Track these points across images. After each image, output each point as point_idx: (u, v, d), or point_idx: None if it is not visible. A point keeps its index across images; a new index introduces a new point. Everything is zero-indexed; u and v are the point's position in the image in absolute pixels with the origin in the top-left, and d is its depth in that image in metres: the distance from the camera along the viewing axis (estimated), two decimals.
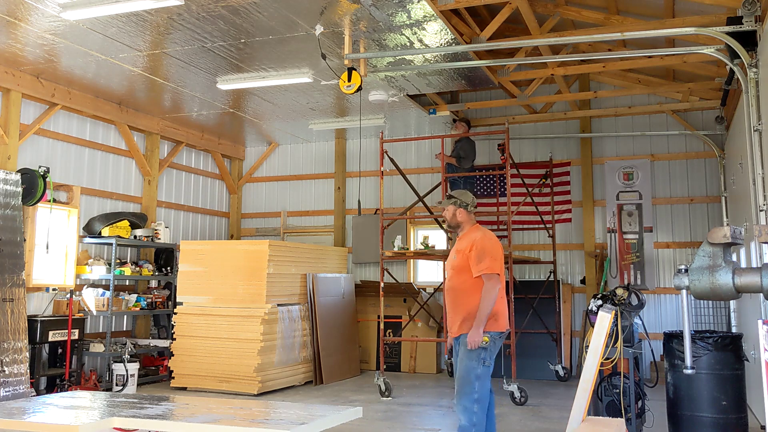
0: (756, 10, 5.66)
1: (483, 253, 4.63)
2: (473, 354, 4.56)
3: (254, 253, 8.69)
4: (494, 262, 4.64)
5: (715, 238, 3.61)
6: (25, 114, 8.36)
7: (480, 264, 4.61)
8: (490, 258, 4.63)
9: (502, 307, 4.71)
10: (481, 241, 4.70)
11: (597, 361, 4.43)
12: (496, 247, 4.75)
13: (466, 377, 4.55)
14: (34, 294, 8.32)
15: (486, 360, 4.58)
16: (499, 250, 4.75)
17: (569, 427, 4.31)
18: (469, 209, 4.89)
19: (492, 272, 4.59)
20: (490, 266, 4.61)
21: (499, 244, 4.82)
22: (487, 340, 4.53)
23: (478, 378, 4.55)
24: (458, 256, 4.78)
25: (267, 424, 4.00)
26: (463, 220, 4.88)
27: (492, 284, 4.57)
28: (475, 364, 4.57)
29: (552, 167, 10.51)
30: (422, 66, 7.84)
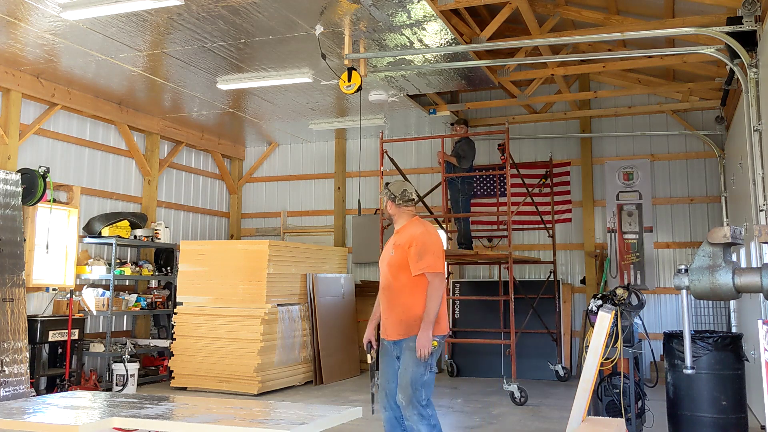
0: (756, 10, 5.66)
1: (424, 249, 4.27)
2: (421, 360, 4.21)
3: (254, 253, 8.68)
4: (437, 259, 4.29)
5: (715, 238, 3.61)
6: (25, 114, 8.36)
7: (420, 261, 4.23)
8: (432, 255, 4.27)
9: (443, 310, 4.38)
10: (422, 237, 4.32)
11: (597, 361, 4.43)
12: (438, 244, 4.39)
13: (414, 386, 4.20)
14: (34, 294, 8.32)
15: (433, 366, 4.27)
16: (441, 247, 4.40)
17: (569, 427, 4.31)
18: (398, 202, 4.50)
19: (436, 270, 4.25)
20: (433, 264, 4.25)
21: (440, 240, 4.45)
22: (435, 345, 4.21)
23: (425, 385, 4.22)
24: (396, 251, 4.39)
25: (267, 424, 4.00)
26: (394, 213, 4.52)
27: (438, 282, 4.23)
28: (423, 371, 4.22)
29: (552, 167, 10.51)
30: (422, 66, 7.84)
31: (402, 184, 4.53)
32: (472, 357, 10.09)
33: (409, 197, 4.50)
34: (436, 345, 4.21)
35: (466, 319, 10.49)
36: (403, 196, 4.48)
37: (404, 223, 4.49)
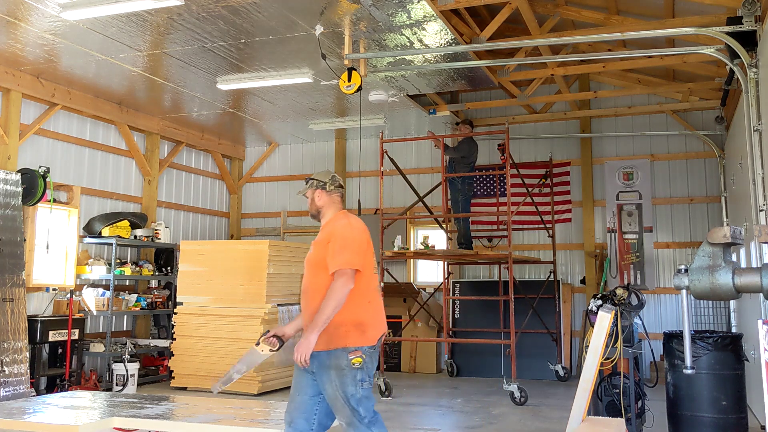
0: (756, 10, 5.66)
1: (344, 244, 3.70)
2: (348, 379, 3.61)
3: (254, 253, 8.68)
4: (356, 256, 3.69)
5: (715, 238, 3.61)
6: (25, 114, 8.36)
7: (337, 258, 3.66)
8: (350, 251, 3.69)
9: (371, 315, 3.78)
10: (342, 230, 3.77)
11: (597, 361, 4.43)
12: (362, 239, 3.80)
13: (347, 406, 3.60)
14: (34, 294, 8.32)
15: (364, 381, 3.67)
16: (365, 243, 3.82)
17: (569, 427, 4.31)
18: (328, 188, 3.95)
19: (348, 267, 3.64)
20: (350, 260, 3.66)
21: (366, 234, 3.87)
22: (359, 362, 3.61)
23: (360, 402, 3.63)
24: (315, 248, 3.85)
25: (267, 424, 4.00)
26: (324, 203, 3.95)
27: (343, 282, 3.60)
28: (352, 390, 3.62)
29: (552, 167, 10.51)
30: (422, 66, 7.84)
31: (327, 171, 4.05)
32: (472, 357, 10.09)
33: (339, 182, 4.00)
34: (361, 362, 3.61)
35: (466, 319, 10.49)
36: (333, 181, 3.98)
37: (330, 216, 3.95)
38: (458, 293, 10.64)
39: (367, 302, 3.76)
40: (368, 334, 3.70)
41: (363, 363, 3.61)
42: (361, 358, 3.61)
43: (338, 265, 3.62)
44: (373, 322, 3.78)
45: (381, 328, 3.86)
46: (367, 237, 3.86)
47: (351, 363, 3.59)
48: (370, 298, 3.78)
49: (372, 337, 3.73)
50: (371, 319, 3.76)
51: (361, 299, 3.71)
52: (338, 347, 3.61)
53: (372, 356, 3.71)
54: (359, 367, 3.60)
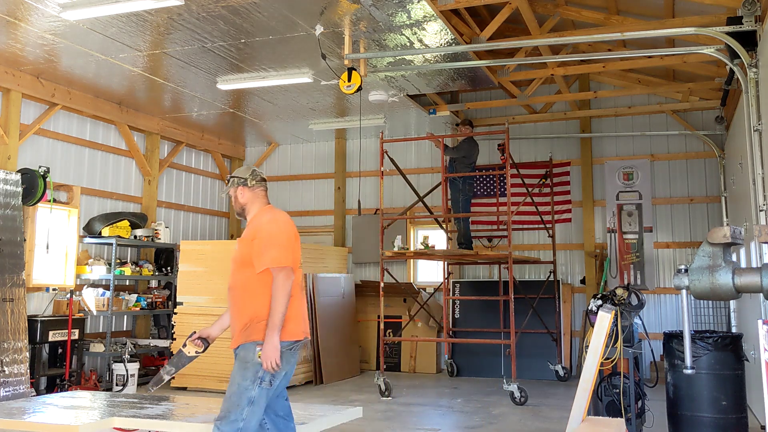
0: (756, 10, 5.66)
1: (269, 241, 3.62)
2: (249, 372, 3.50)
3: None
4: (283, 252, 3.62)
5: (715, 238, 3.61)
6: (25, 114, 8.35)
7: (264, 256, 3.58)
8: (277, 247, 3.61)
9: (291, 311, 3.65)
10: (267, 227, 3.69)
11: (597, 361, 4.43)
12: (288, 234, 3.74)
13: (236, 400, 3.49)
14: (34, 294, 8.32)
15: (265, 379, 3.52)
16: (291, 238, 3.74)
17: (569, 427, 4.31)
18: (250, 183, 3.86)
19: (281, 264, 3.58)
20: (278, 257, 3.58)
21: (292, 229, 3.81)
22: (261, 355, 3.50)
23: (251, 403, 3.48)
24: (240, 246, 3.78)
25: None
26: (247, 200, 3.87)
27: (284, 278, 3.56)
28: (249, 385, 3.49)
29: (552, 167, 10.51)
30: (422, 66, 7.84)
31: (248, 167, 3.93)
32: (472, 357, 10.09)
33: (260, 177, 3.91)
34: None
35: (466, 319, 10.49)
36: (254, 176, 3.87)
37: (255, 212, 3.86)
38: (458, 293, 10.64)
39: (292, 297, 3.65)
40: (287, 329, 3.59)
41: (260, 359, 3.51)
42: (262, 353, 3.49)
43: (268, 263, 3.56)
44: (294, 319, 3.66)
45: (302, 325, 3.73)
46: (294, 231, 3.80)
47: (256, 356, 3.50)
48: (292, 294, 3.67)
49: (291, 332, 3.62)
50: (291, 314, 3.64)
51: None
52: (253, 340, 3.55)
53: (285, 356, 3.57)
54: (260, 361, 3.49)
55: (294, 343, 3.64)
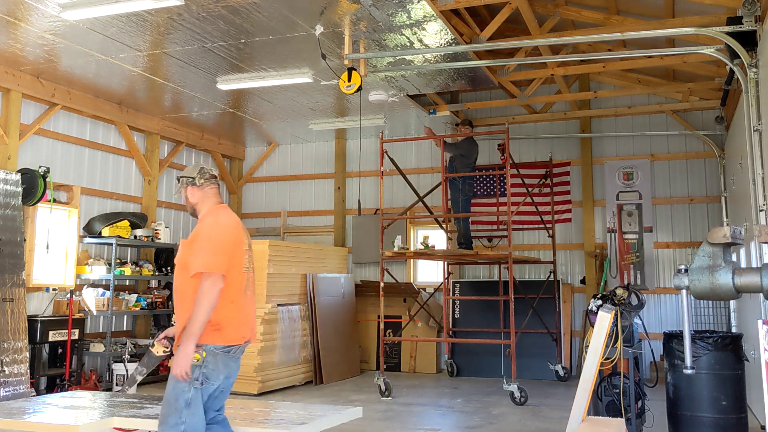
0: (756, 10, 5.66)
1: (204, 245, 3.51)
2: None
3: (254, 253, 8.59)
4: (215, 257, 3.48)
5: (715, 238, 3.61)
6: (25, 114, 8.36)
7: (196, 260, 3.47)
8: (211, 253, 3.48)
9: (231, 315, 3.56)
10: (206, 230, 3.57)
11: (597, 361, 4.43)
12: (226, 239, 3.57)
13: (172, 403, 3.44)
14: (34, 294, 8.32)
15: (200, 379, 3.46)
16: (229, 243, 3.58)
17: (569, 427, 4.31)
18: (198, 182, 3.74)
19: (209, 270, 3.44)
20: (208, 263, 3.45)
21: (233, 234, 3.64)
22: (197, 358, 3.42)
23: (188, 405, 3.42)
24: (182, 247, 3.67)
25: (267, 424, 4.00)
26: (197, 199, 3.75)
27: (210, 285, 3.42)
28: (185, 387, 3.43)
29: (552, 167, 10.51)
30: (422, 66, 7.84)
31: (196, 166, 3.82)
32: (472, 357, 10.09)
33: (210, 173, 3.79)
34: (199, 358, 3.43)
35: (466, 319, 10.49)
36: (202, 174, 3.75)
37: (204, 212, 3.73)
38: (458, 293, 10.64)
39: (228, 302, 3.55)
40: (225, 333, 3.52)
41: (201, 360, 3.43)
42: (198, 354, 3.42)
43: (200, 268, 3.45)
44: (233, 323, 3.56)
45: (242, 329, 3.62)
46: (235, 235, 3.64)
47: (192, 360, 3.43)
48: (233, 298, 3.57)
49: (229, 338, 3.53)
50: (231, 319, 3.56)
51: (222, 299, 3.50)
52: None
53: (221, 359, 3.51)
54: (196, 363, 3.42)
55: (230, 347, 3.54)
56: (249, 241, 3.84)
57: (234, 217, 3.74)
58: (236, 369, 3.68)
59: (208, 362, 3.47)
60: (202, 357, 3.45)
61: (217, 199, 3.80)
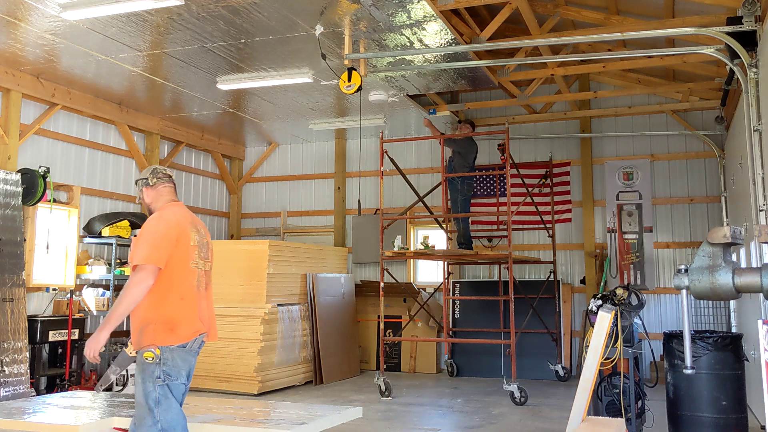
0: (756, 10, 5.66)
1: (144, 238, 3.53)
2: (147, 374, 3.49)
3: (254, 253, 8.68)
4: (152, 251, 3.47)
5: (715, 238, 3.61)
6: (25, 114, 8.35)
7: (136, 253, 3.49)
8: (149, 245, 3.48)
9: (183, 312, 3.56)
10: (148, 224, 3.61)
11: (597, 361, 4.43)
12: (168, 232, 3.57)
13: (143, 404, 3.49)
14: (34, 294, 8.32)
15: (162, 377, 3.49)
16: (171, 236, 3.56)
17: (569, 427, 4.31)
18: (151, 182, 3.79)
19: (144, 263, 3.44)
20: (145, 255, 3.45)
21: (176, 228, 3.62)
22: (151, 356, 3.46)
23: (157, 403, 3.47)
24: (132, 245, 3.70)
25: (267, 424, 4.00)
26: (152, 199, 3.80)
27: (140, 278, 3.41)
28: (150, 387, 3.48)
29: (552, 167, 10.51)
30: (422, 66, 7.84)
31: (150, 167, 3.89)
32: (472, 357, 10.09)
33: (163, 173, 3.83)
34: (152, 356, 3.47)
35: (466, 319, 10.49)
36: (154, 174, 3.80)
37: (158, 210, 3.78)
38: (458, 293, 10.64)
39: (178, 299, 3.54)
40: (178, 332, 3.52)
41: (157, 357, 3.46)
42: (151, 352, 3.45)
43: (136, 260, 3.47)
44: (186, 320, 3.56)
45: (196, 325, 3.61)
46: (179, 230, 3.61)
47: (143, 358, 3.47)
48: (183, 294, 3.56)
49: (183, 336, 3.53)
50: (183, 316, 3.55)
51: (171, 296, 3.52)
52: (146, 346, 3.51)
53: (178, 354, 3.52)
54: (153, 361, 3.46)
55: (184, 345, 3.54)
56: (202, 238, 3.80)
57: (181, 213, 3.73)
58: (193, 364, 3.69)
59: (166, 359, 3.49)
60: (156, 355, 3.47)
61: (170, 197, 3.82)
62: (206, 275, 3.76)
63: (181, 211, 3.74)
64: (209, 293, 3.79)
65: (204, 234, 3.83)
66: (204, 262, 3.74)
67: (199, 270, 3.68)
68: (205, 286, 3.74)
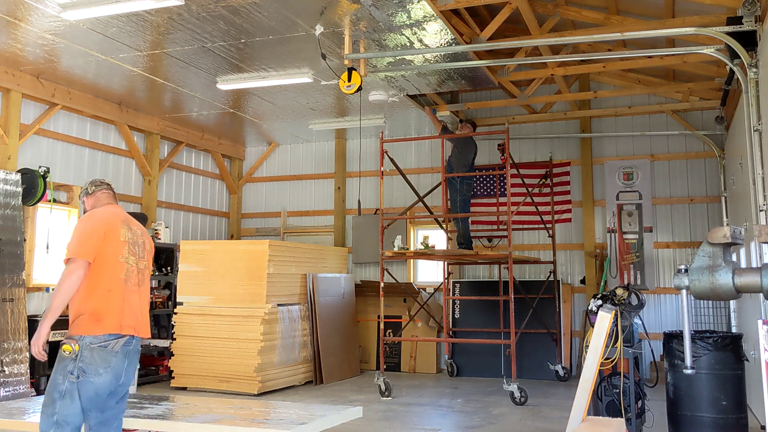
0: (756, 10, 5.66)
1: (75, 233, 3.71)
2: (61, 366, 3.56)
3: (254, 253, 8.68)
4: (81, 245, 3.64)
5: (715, 238, 3.61)
6: (25, 114, 8.36)
7: (68, 248, 3.67)
8: (76, 240, 3.66)
9: (110, 304, 3.65)
10: (80, 222, 3.79)
11: (597, 361, 4.43)
12: (94, 227, 3.73)
13: (49, 393, 3.56)
14: (34, 294, 8.32)
15: (75, 373, 3.52)
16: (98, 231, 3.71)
17: (569, 427, 4.31)
18: (90, 190, 4.01)
19: (73, 256, 3.60)
20: (73, 249, 3.62)
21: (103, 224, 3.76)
22: (69, 350, 3.52)
23: (62, 396, 3.50)
24: None
25: (267, 424, 4.00)
26: (90, 206, 4.01)
27: (69, 270, 3.57)
28: (60, 379, 3.53)
29: (552, 167, 10.51)
30: (422, 66, 7.84)
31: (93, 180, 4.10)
32: (472, 357, 10.09)
33: (100, 182, 4.03)
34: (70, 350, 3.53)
35: (466, 319, 10.49)
36: (92, 183, 4.03)
37: None
38: (458, 293, 10.64)
39: (106, 291, 3.66)
40: (104, 323, 3.61)
41: (74, 353, 3.53)
42: (70, 346, 3.52)
43: (67, 254, 3.65)
44: (112, 312, 3.64)
45: (124, 320, 3.68)
46: (107, 225, 3.76)
47: (62, 350, 3.54)
48: (111, 287, 3.68)
49: (108, 327, 3.61)
50: (109, 308, 3.64)
51: (99, 288, 3.64)
52: (73, 335, 3.60)
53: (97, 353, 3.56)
54: (69, 356, 3.53)
55: (108, 341, 3.59)
56: (135, 237, 3.91)
57: (112, 212, 3.90)
58: (121, 367, 3.67)
59: (84, 356, 3.54)
60: (74, 350, 3.50)
61: (107, 201, 4.00)
62: (140, 273, 3.89)
63: (112, 210, 3.92)
64: (143, 291, 3.89)
65: (140, 234, 3.97)
66: (137, 259, 3.87)
67: (128, 265, 3.80)
68: (138, 283, 3.86)
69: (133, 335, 3.73)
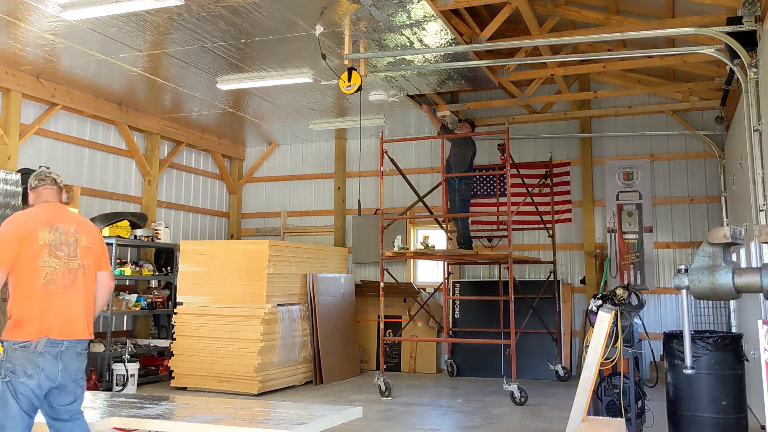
0: (756, 10, 5.66)
1: None
2: None
3: (254, 253, 8.68)
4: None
5: (715, 238, 3.61)
6: (25, 114, 8.36)
7: None
8: None
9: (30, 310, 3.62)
10: None
11: (597, 361, 4.43)
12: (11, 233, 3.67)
13: None
14: None
15: (4, 374, 3.57)
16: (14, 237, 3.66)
17: (569, 427, 4.31)
18: (34, 184, 3.94)
19: None
20: None
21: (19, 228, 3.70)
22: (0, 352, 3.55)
23: None
24: None
25: (267, 424, 4.00)
26: (32, 201, 3.95)
27: None
28: None
29: (552, 167, 10.51)
30: (422, 66, 7.84)
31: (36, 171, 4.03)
32: (472, 357, 10.09)
33: (46, 175, 3.93)
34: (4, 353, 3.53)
35: (466, 319, 10.49)
36: (36, 176, 3.93)
37: None
38: (458, 293, 10.64)
39: (26, 297, 3.63)
40: (24, 328, 3.59)
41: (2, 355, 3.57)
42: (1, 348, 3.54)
43: None
44: (31, 318, 3.61)
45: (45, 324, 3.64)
46: (23, 229, 3.68)
47: None
48: (30, 293, 3.63)
49: (28, 333, 3.58)
50: (28, 314, 3.61)
51: (17, 294, 3.63)
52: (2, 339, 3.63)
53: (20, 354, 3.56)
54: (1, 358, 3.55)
55: (28, 343, 3.58)
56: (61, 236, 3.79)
57: (33, 214, 3.80)
58: (53, 368, 3.64)
59: (10, 357, 3.57)
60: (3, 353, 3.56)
61: (46, 198, 3.91)
62: (71, 273, 3.78)
63: (34, 212, 3.82)
64: (75, 291, 3.79)
65: (73, 232, 3.83)
66: (67, 259, 3.76)
67: (50, 268, 3.70)
68: (68, 284, 3.75)
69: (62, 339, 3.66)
